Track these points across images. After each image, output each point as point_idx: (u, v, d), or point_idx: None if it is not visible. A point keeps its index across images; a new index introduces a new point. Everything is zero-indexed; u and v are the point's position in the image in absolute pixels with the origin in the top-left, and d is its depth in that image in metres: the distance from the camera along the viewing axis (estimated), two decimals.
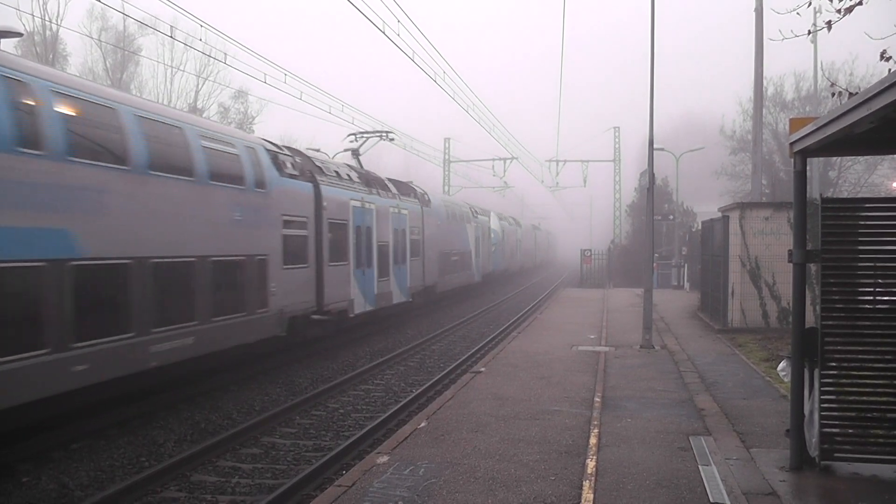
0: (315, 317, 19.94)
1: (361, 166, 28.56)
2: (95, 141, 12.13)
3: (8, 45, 26.71)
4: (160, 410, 13.78)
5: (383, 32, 22.94)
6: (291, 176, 18.91)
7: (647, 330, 19.06)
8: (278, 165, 18.29)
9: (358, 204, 23.20)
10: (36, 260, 10.41)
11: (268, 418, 13.01)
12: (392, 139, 34.34)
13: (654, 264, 35.30)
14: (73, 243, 11.14)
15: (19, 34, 21.63)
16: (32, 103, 10.59)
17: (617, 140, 66.09)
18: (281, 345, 18.53)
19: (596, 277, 54.46)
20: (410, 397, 14.85)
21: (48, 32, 50.06)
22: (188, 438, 12.06)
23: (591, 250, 57.20)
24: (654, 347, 18.68)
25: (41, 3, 48.83)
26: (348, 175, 23.53)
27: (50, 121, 10.84)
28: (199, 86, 58.74)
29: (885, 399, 8.25)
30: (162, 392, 14.38)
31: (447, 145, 67.45)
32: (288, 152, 19.82)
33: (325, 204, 20.34)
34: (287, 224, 18.24)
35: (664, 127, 68.79)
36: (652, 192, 20.11)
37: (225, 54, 29.75)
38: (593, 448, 9.54)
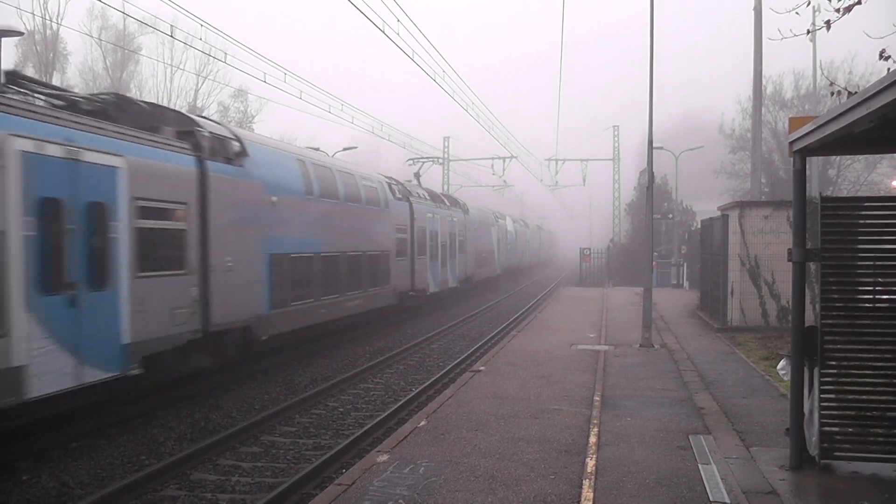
0: (411, 293, 29.57)
1: (421, 185, 36.72)
2: (327, 187, 20.75)
3: (8, 43, 26.66)
4: (160, 409, 13.78)
5: (383, 32, 22.94)
6: (397, 199, 27.73)
7: (647, 329, 19.06)
8: (392, 191, 27.24)
9: (430, 215, 32.58)
10: (311, 253, 19.40)
11: (268, 417, 13.02)
12: (440, 162, 46.52)
13: (654, 263, 35.22)
14: (321, 245, 20.05)
15: (20, 33, 21.70)
16: (309, 171, 19.67)
17: (616, 139, 66.09)
18: (393, 310, 27.62)
19: (595, 276, 54.48)
20: (410, 396, 14.84)
21: (48, 31, 50.04)
22: (188, 437, 12.06)
23: (590, 249, 57.27)
24: (653, 346, 18.68)
25: (41, 1, 48.82)
26: (424, 194, 33.36)
27: (312, 179, 19.74)
28: (199, 85, 58.77)
29: (884, 398, 8.25)
30: (162, 391, 14.38)
31: (446, 144, 67.41)
32: (395, 182, 29.16)
33: (415, 216, 29.77)
34: (397, 230, 27.40)
35: (664, 126, 68.85)
36: (651, 190, 20.12)
37: (225, 53, 29.84)
38: (593, 447, 9.54)
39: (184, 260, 13.97)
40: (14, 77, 12.31)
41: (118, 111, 13.75)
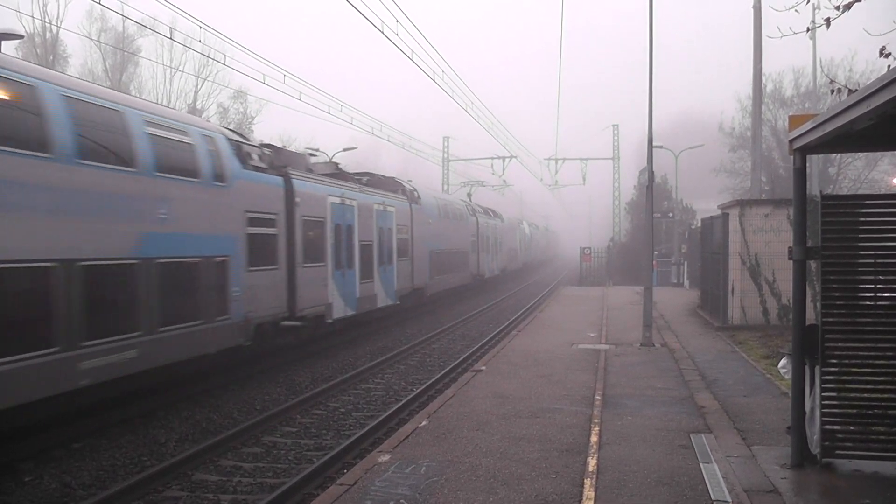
0: (487, 276, 46.07)
1: (470, 201, 48.68)
2: (445, 212, 35.23)
3: (8, 46, 26.66)
4: (161, 409, 13.80)
5: (382, 32, 22.93)
6: (470, 215, 42.00)
7: (647, 328, 19.06)
8: (470, 210, 42.74)
9: (484, 224, 46.03)
10: (446, 249, 33.87)
11: (269, 417, 13.03)
12: (482, 184, 62.68)
13: (654, 262, 35.22)
14: (448, 244, 34.38)
15: (20, 36, 21.67)
16: (436, 203, 33.33)
17: (616, 138, 66.09)
18: (475, 282, 42.80)
19: (595, 275, 54.49)
20: (411, 396, 14.85)
21: (48, 34, 50.09)
22: (189, 438, 12.07)
23: (590, 248, 57.30)
24: (654, 345, 18.68)
25: (41, 4, 48.84)
26: (480, 209, 46.74)
27: (439, 208, 33.75)
28: (199, 86, 58.76)
29: (886, 396, 8.24)
30: (163, 391, 14.40)
31: (446, 144, 67.46)
32: (468, 203, 44.64)
33: (479, 225, 44.23)
34: (471, 235, 41.12)
35: (663, 124, 68.71)
36: (651, 189, 20.12)
37: (224, 55, 29.86)
38: (594, 446, 9.54)
39: (408, 253, 28.42)
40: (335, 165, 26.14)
41: (374, 181, 27.03)
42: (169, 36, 32.72)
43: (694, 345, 19.01)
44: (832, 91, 10.99)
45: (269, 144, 20.53)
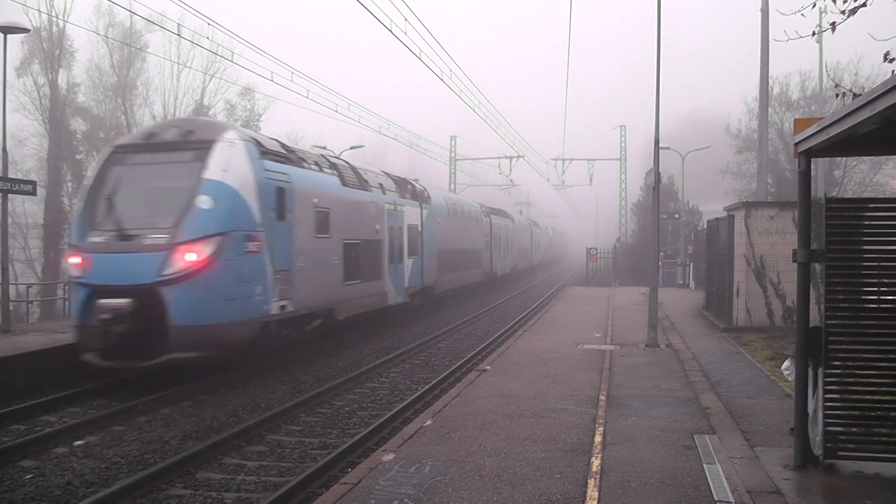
0: (507, 271, 52.52)
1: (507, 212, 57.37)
2: (458, 211, 38.02)
3: (14, 40, 26.75)
4: (165, 407, 13.87)
5: (390, 31, 23.00)
6: (485, 216, 45.60)
7: (653, 328, 19.09)
8: (484, 212, 45.73)
9: (504, 225, 52.17)
10: (455, 249, 36.04)
11: (273, 416, 13.06)
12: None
13: (660, 263, 35.27)
14: (459, 244, 37.02)
15: (26, 30, 21.76)
16: (447, 203, 35.64)
17: (623, 139, 66.21)
18: (487, 279, 45.42)
19: (601, 276, 54.51)
20: (416, 395, 14.88)
21: (55, 28, 50.08)
22: (194, 436, 12.11)
23: (596, 249, 57.31)
24: (659, 346, 18.71)
25: None
26: (504, 212, 54.99)
27: (449, 207, 36.03)
28: (206, 83, 58.83)
29: (888, 398, 8.27)
30: (167, 389, 14.47)
31: (453, 143, 67.63)
32: (483, 205, 47.24)
33: (493, 225, 47.55)
34: (485, 235, 44.97)
35: (670, 126, 68.89)
36: (657, 190, 20.12)
37: (232, 52, 29.97)
38: (598, 446, 9.58)
39: (418, 250, 29.81)
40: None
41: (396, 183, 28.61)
42: (177, 32, 32.84)
43: (699, 346, 19.03)
44: (837, 95, 11.05)
45: (483, 205, 46.66)
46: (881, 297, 8.37)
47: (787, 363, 9.47)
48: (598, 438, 9.98)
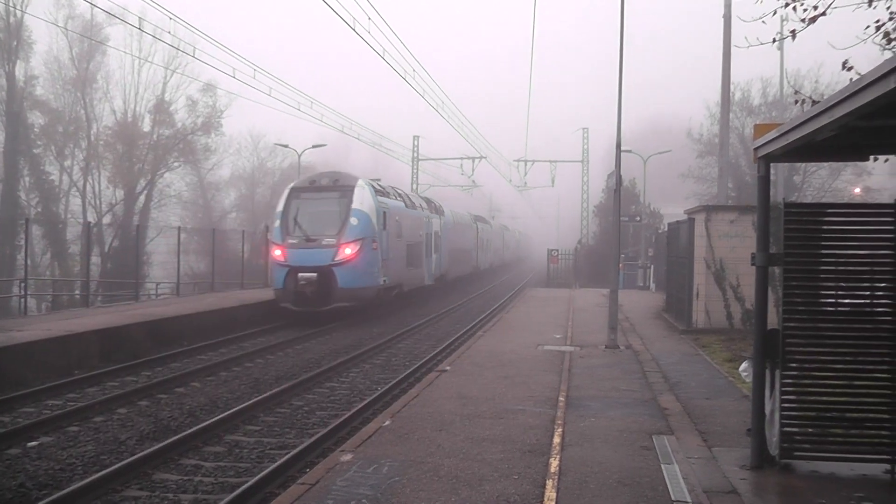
0: (486, 266, 63.37)
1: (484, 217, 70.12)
2: (458, 222, 48.87)
3: None
4: (122, 407, 13.71)
5: (353, 29, 22.95)
6: (470, 222, 54.76)
7: (613, 330, 19.18)
8: (474, 219, 56.99)
9: (481, 228, 59.98)
10: (461, 248, 49.77)
11: (232, 415, 12.93)
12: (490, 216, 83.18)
13: (621, 265, 35.50)
14: (461, 245, 49.57)
15: None
16: (452, 216, 47.02)
17: (585, 141, 66.42)
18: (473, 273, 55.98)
19: (563, 277, 54.76)
20: (375, 395, 14.81)
21: (12, 18, 49.38)
22: (151, 436, 11.97)
23: (557, 250, 57.56)
24: (619, 347, 18.81)
25: None
26: (484, 218, 65.86)
27: (454, 217, 47.31)
28: (168, 78, 58.28)
29: (844, 399, 8.39)
30: (125, 388, 14.33)
31: (416, 143, 67.48)
32: (470, 214, 57.59)
33: (479, 230, 59.15)
34: (473, 238, 55.12)
35: (632, 129, 69.06)
36: (619, 193, 20.23)
37: (194, 47, 29.55)
38: (557, 447, 9.61)
39: (439, 249, 40.53)
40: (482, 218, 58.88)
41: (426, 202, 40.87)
42: (138, 26, 32.49)
43: (658, 347, 19.17)
44: (796, 102, 11.21)
45: (470, 214, 57.77)
46: (838, 301, 8.50)
47: (744, 365, 9.57)
48: (556, 439, 10.01)
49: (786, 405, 8.35)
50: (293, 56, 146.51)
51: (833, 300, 8.53)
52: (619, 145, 19.82)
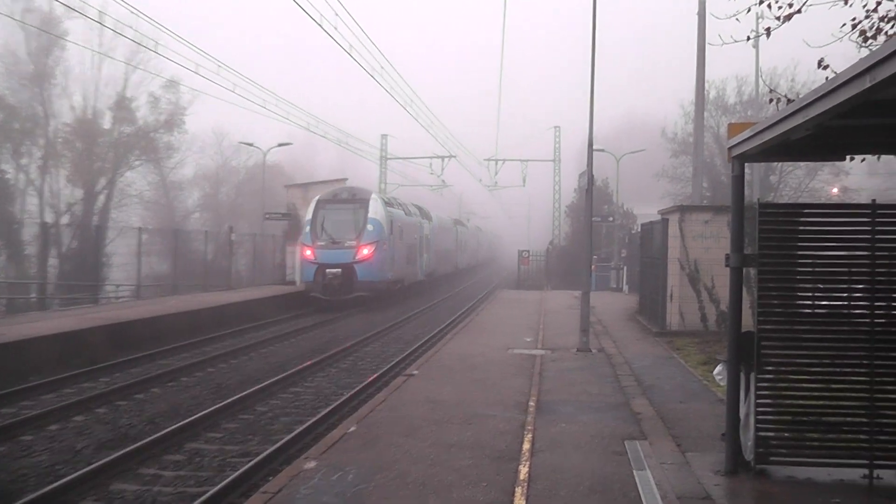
0: (467, 265, 73.14)
1: (463, 221, 79.08)
2: (440, 225, 55.61)
3: None
4: (79, 415, 13.51)
5: (320, 26, 22.82)
6: (453, 226, 63.09)
7: (585, 333, 19.19)
8: (455, 222, 65.97)
9: (459, 230, 66.90)
10: (446, 248, 58.16)
11: (193, 422, 12.76)
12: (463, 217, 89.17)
13: (593, 266, 35.67)
14: (444, 246, 56.49)
15: None
16: (436, 221, 53.38)
17: (557, 140, 66.71)
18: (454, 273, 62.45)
19: (534, 279, 54.83)
20: (341, 400, 14.70)
21: None
22: (108, 445, 11.78)
23: (528, 251, 57.60)
24: (591, 350, 18.82)
25: None
26: (463, 222, 76.54)
27: (437, 222, 53.48)
28: (129, 74, 57.67)
29: (821, 403, 8.40)
30: (82, 395, 14.13)
31: (384, 142, 67.31)
32: (452, 218, 66.49)
33: (459, 231, 66.32)
34: (456, 239, 63.73)
35: (605, 128, 69.51)
36: (591, 193, 20.26)
37: (156, 42, 29.29)
38: (527, 453, 9.56)
39: (428, 250, 48.20)
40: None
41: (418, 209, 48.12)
42: (98, 20, 32.12)
43: (631, 350, 19.21)
44: (771, 101, 11.24)
45: (453, 219, 67.33)
46: (815, 302, 8.52)
47: (719, 368, 9.57)
48: (526, 445, 9.96)
49: (761, 409, 8.35)
50: (258, 52, 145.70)
51: (810, 302, 8.55)
52: (591, 144, 19.86)
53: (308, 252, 35.05)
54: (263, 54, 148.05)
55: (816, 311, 8.48)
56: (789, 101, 9.74)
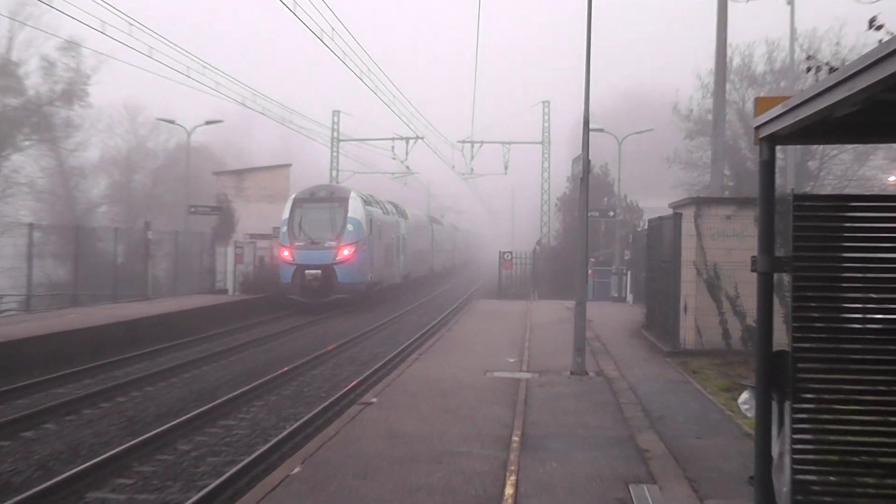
0: (446, 265, 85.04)
1: (438, 219, 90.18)
2: (417, 224, 64.96)
3: None
4: None
5: None
6: (429, 225, 72.91)
7: (580, 352, 19.15)
8: (431, 221, 76.82)
9: (436, 230, 77.04)
10: (423, 248, 67.44)
11: (95, 466, 12.59)
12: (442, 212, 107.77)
13: (590, 271, 35.62)
14: (421, 245, 65.96)
15: None
16: (412, 219, 61.63)
17: (546, 117, 66.40)
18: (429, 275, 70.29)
19: (518, 286, 54.77)
20: (283, 435, 14.63)
21: None
22: None
23: (511, 253, 57.30)
24: (587, 374, 18.80)
25: None
26: (441, 221, 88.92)
27: (413, 220, 61.57)
28: (15, 32, 57.04)
29: (875, 440, 8.23)
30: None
31: (336, 120, 66.87)
32: (429, 217, 79.54)
33: (434, 231, 74.70)
34: (432, 240, 72.76)
35: (604, 103, 69.67)
36: (587, 182, 20.18)
37: None
38: (509, 499, 9.51)
39: (406, 250, 56.00)
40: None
41: (394, 207, 55.45)
42: None
43: (637, 374, 19.21)
44: (809, 69, 11.21)
45: (431, 218, 79.43)
46: (866, 316, 8.41)
47: (745, 395, 9.53)
48: (509, 490, 9.90)
49: (799, 446, 8.27)
50: (181, 8, 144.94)
51: (860, 315, 8.47)
52: (587, 121, 19.75)
53: (286, 253, 40.25)
54: (187, 12, 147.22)
55: (867, 325, 8.42)
56: (832, 69, 9.73)
